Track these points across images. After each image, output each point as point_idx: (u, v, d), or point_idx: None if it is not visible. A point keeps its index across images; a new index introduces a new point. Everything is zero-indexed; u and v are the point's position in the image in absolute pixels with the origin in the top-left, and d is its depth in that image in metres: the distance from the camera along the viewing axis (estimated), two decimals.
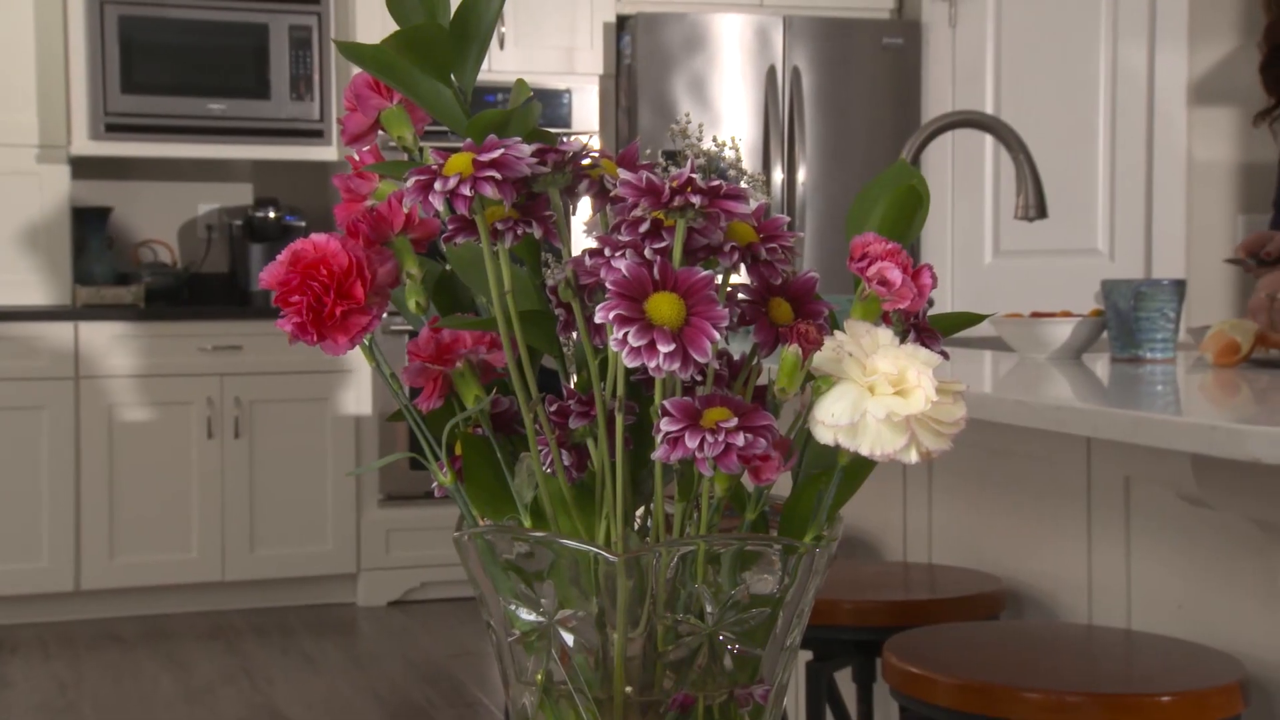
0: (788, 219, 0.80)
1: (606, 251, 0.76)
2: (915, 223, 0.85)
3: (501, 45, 5.02)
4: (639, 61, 4.94)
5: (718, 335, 0.73)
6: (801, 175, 5.00)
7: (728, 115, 5.00)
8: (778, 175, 4.99)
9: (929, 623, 1.88)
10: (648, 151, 1.98)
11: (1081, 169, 4.79)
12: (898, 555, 2.43)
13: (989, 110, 4.90)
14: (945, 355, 0.81)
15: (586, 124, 5.10)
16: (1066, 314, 2.22)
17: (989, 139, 4.44)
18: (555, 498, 0.79)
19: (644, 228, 0.75)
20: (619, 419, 0.77)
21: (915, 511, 2.39)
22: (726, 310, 0.74)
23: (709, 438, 0.74)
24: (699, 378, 0.79)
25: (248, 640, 4.53)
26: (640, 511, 0.83)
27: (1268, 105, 2.57)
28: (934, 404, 0.74)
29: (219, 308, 4.98)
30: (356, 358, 4.52)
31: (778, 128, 4.99)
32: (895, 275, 0.77)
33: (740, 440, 0.74)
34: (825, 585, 2.05)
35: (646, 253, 0.75)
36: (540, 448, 0.80)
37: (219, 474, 4.81)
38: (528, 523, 0.80)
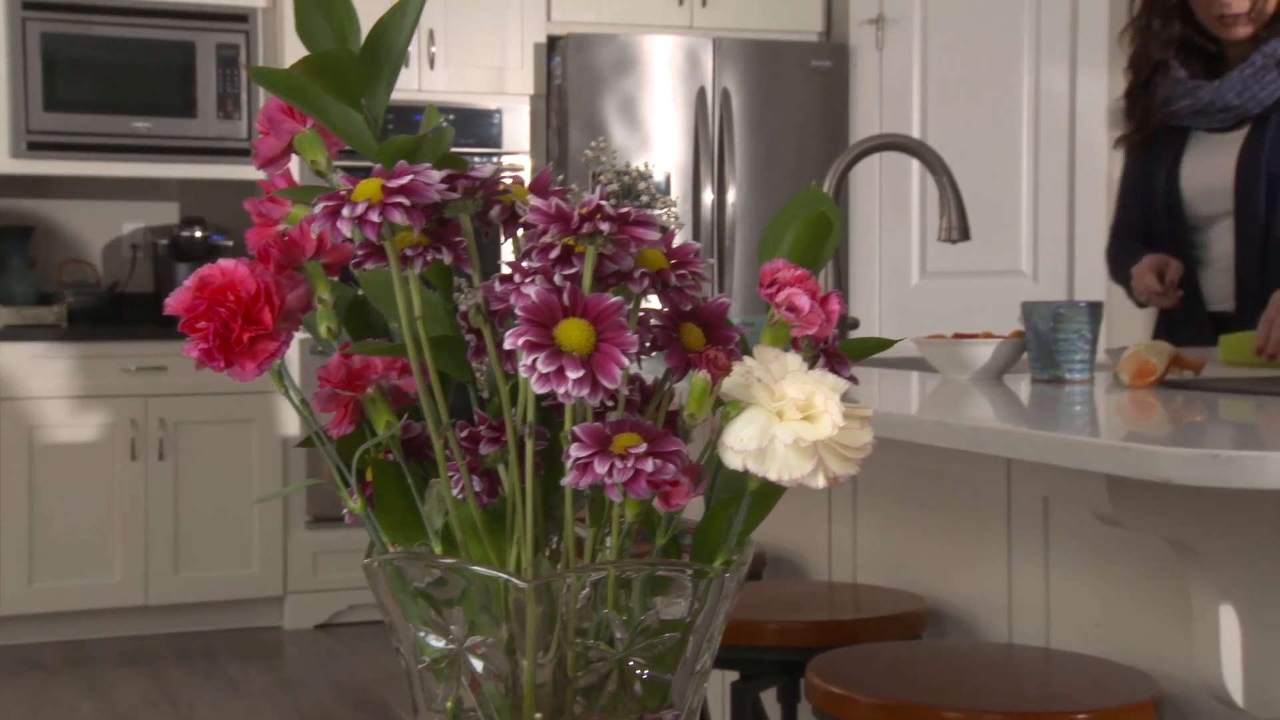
0: (698, 245, 0.80)
1: (516, 277, 0.76)
2: (826, 248, 0.86)
3: (432, 65, 5.01)
4: (569, 82, 4.96)
5: (627, 361, 0.74)
6: (731, 195, 5.03)
7: (658, 136, 5.02)
8: (708, 195, 5.02)
9: (852, 642, 1.89)
10: (598, 176, 1.98)
11: (1005, 191, 4.86)
12: (823, 575, 2.44)
13: (916, 132, 4.96)
14: (854, 380, 0.82)
15: (517, 144, 5.10)
16: (988, 335, 2.25)
17: (915, 162, 4.49)
18: (466, 523, 0.79)
19: (554, 254, 0.76)
20: (529, 445, 0.77)
21: (840, 531, 2.41)
22: (636, 336, 0.74)
23: (618, 464, 0.74)
24: (610, 403, 0.80)
25: (170, 666, 4.46)
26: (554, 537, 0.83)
27: (1128, 130, 2.63)
28: (841, 429, 0.75)
29: (144, 328, 4.92)
30: None
31: (707, 148, 5.01)
32: (803, 301, 0.78)
33: (649, 466, 0.74)
34: (751, 606, 2.06)
35: (556, 279, 0.75)
36: (451, 473, 0.80)
37: (143, 496, 4.75)
38: (438, 549, 0.80)
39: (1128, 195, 2.69)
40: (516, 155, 5.10)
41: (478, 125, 5.06)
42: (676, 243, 0.82)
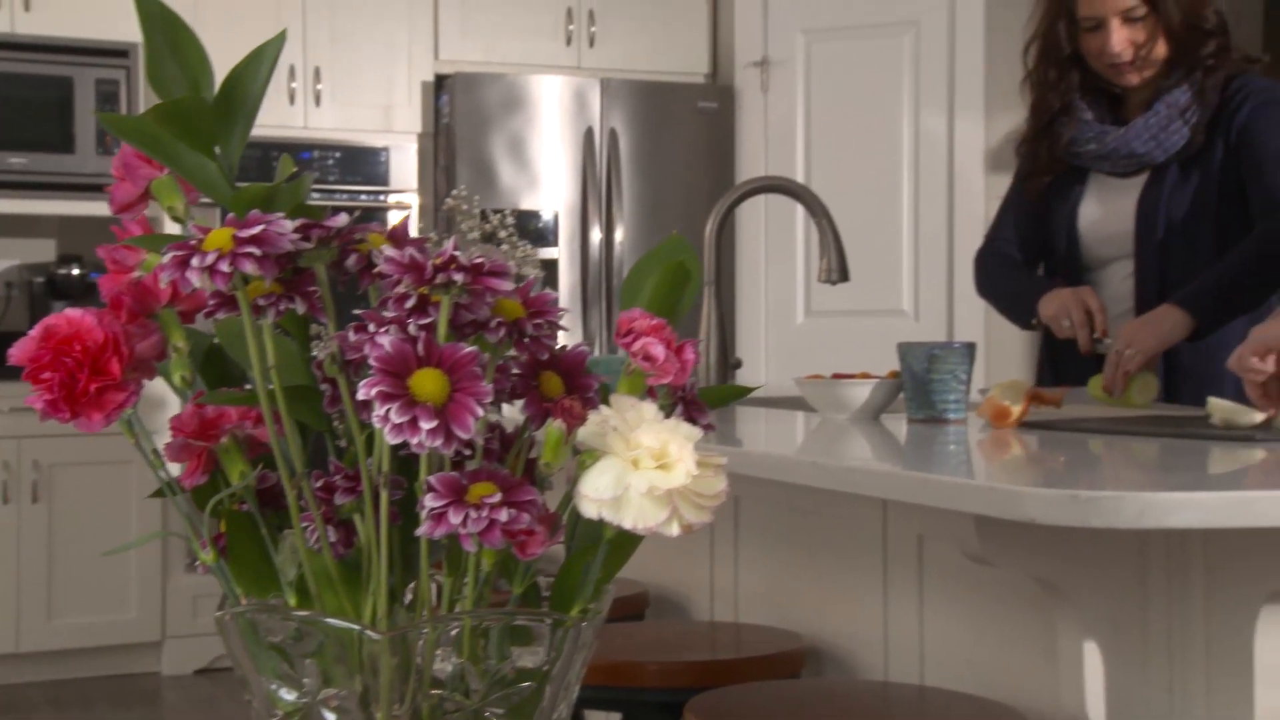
0: (555, 295, 0.81)
1: (371, 327, 0.76)
2: (685, 297, 0.87)
3: (318, 102, 4.97)
4: (457, 121, 4.95)
5: (481, 411, 0.74)
6: (619, 234, 5.05)
7: (546, 175, 5.03)
8: (596, 234, 5.04)
9: (732, 682, 1.90)
10: (460, 225, 1.98)
11: (887, 232, 4.94)
12: (706, 614, 2.45)
13: (800, 173, 5.03)
14: (710, 427, 0.83)
15: (404, 182, 5.08)
16: (865, 375, 2.28)
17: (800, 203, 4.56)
18: (320, 574, 0.78)
19: (410, 303, 0.76)
20: (384, 495, 0.77)
21: (722, 571, 2.42)
22: (491, 386, 0.75)
23: (473, 513, 0.74)
24: (467, 452, 0.80)
25: (44, 714, 4.34)
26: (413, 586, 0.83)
27: (1029, 171, 2.68)
28: (695, 477, 0.76)
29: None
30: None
31: (595, 188, 5.04)
32: (659, 351, 0.78)
33: (504, 516, 0.74)
34: (633, 647, 2.06)
35: (411, 329, 0.75)
36: (307, 524, 0.80)
37: (15, 541, 4.62)
38: (292, 601, 0.79)
39: (1010, 216, 2.72)
40: (404, 193, 5.07)
41: (365, 163, 5.03)
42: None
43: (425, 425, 0.72)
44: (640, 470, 0.76)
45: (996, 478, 1.54)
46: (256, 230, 0.74)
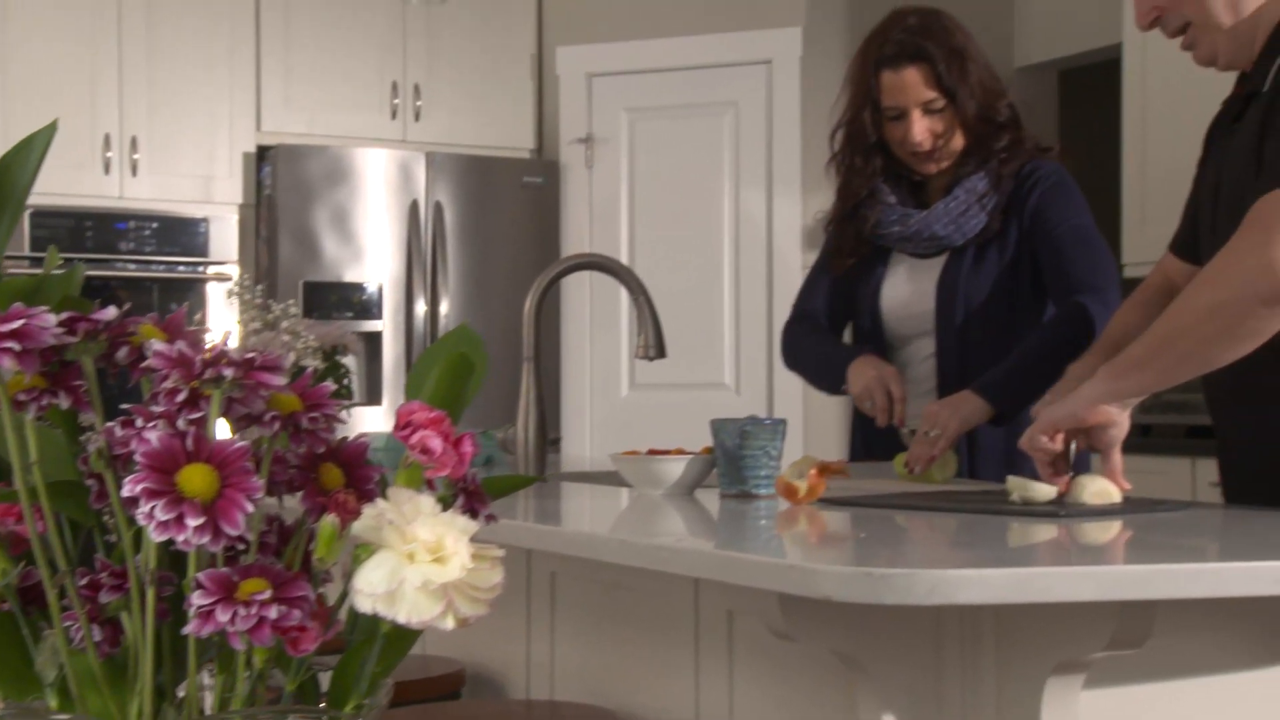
0: (333, 387, 0.81)
1: (139, 422, 0.75)
2: (469, 389, 0.88)
3: (134, 172, 4.88)
4: (279, 192, 4.90)
5: (250, 507, 0.73)
6: (444, 307, 5.04)
7: (371, 247, 5.00)
8: (420, 307, 5.02)
9: None
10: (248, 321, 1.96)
11: (709, 306, 5.02)
12: (522, 691, 2.44)
13: (624, 248, 5.10)
14: (492, 518, 0.83)
15: (224, 253, 5.00)
16: (680, 451, 2.31)
17: None
18: (84, 675, 0.76)
19: (182, 396, 0.75)
20: (150, 592, 0.76)
21: (538, 647, 2.41)
22: (261, 482, 0.74)
23: (242, 611, 0.73)
24: (241, 546, 0.79)
25: None
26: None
27: (838, 253, 2.76)
28: (471, 570, 0.76)
29: None
30: None
31: (420, 260, 5.03)
32: (436, 444, 0.79)
33: (274, 612, 0.73)
34: None
35: (181, 423, 0.74)
36: (73, 622, 0.78)
37: None
38: (54, 703, 0.77)
39: (814, 290, 2.79)
40: (224, 264, 4.99)
41: (183, 234, 4.94)
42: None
43: (192, 522, 0.71)
44: (416, 564, 0.76)
45: (797, 556, 1.57)
46: (17, 324, 0.72)
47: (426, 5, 3.41)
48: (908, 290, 2.65)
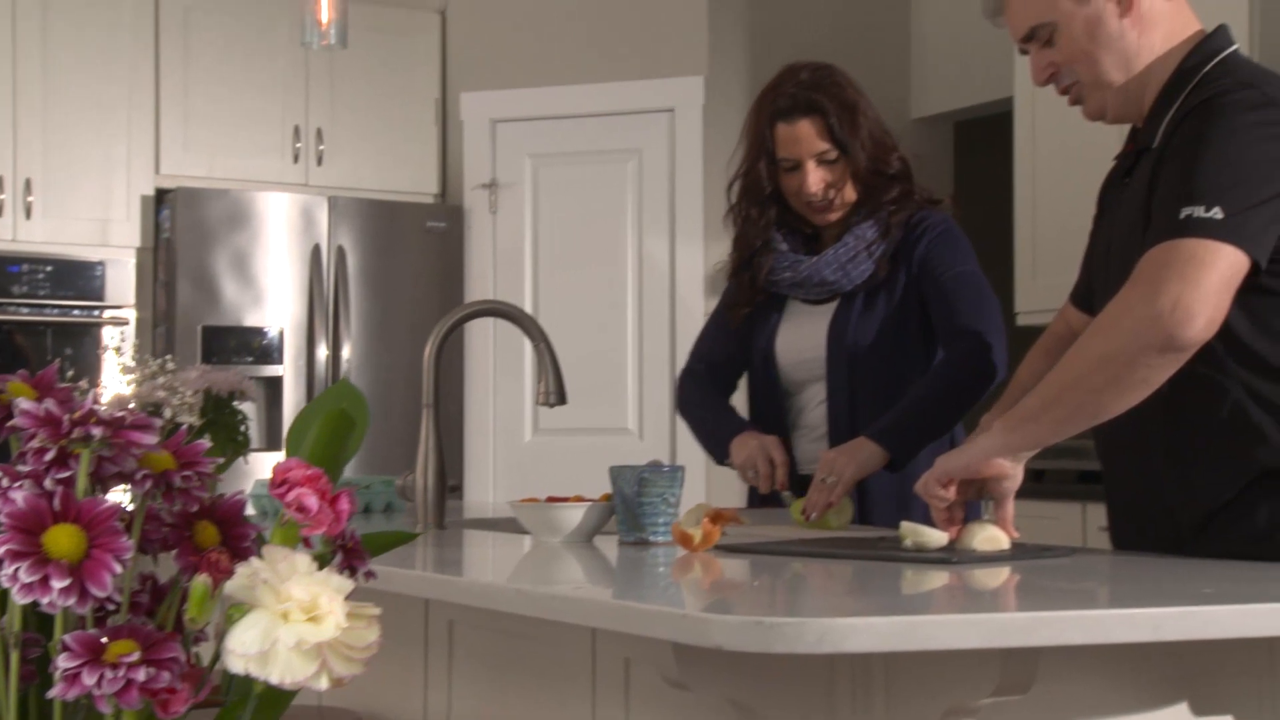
0: (207, 444, 0.80)
1: (5, 481, 0.74)
2: (349, 445, 0.88)
3: (29, 215, 4.79)
4: (178, 235, 4.84)
5: (119, 568, 0.72)
6: (346, 352, 5.00)
7: (272, 292, 4.96)
8: (322, 352, 4.98)
9: None
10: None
11: (613, 352, 5.03)
12: None
13: (528, 294, 5.10)
14: (371, 575, 0.83)
15: (122, 297, 4.93)
16: (579, 499, 2.31)
17: None
18: None
19: (50, 455, 0.74)
20: (14, 655, 0.74)
21: (436, 697, 2.39)
22: (132, 542, 0.73)
23: (109, 673, 0.72)
24: (112, 607, 0.78)
25: None
26: None
27: (735, 301, 2.80)
28: (346, 629, 0.76)
29: None
30: None
31: (322, 305, 4.99)
32: (312, 502, 0.78)
33: (142, 675, 0.72)
34: None
35: (48, 483, 0.73)
36: None
37: None
38: None
39: (712, 340, 2.84)
40: (121, 309, 4.91)
41: (79, 277, 4.86)
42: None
43: (57, 584, 0.70)
44: (290, 624, 0.75)
45: (690, 605, 1.58)
46: None
47: (329, 50, 3.40)
48: (800, 336, 2.70)
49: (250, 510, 2.66)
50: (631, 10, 5.09)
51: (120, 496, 0.78)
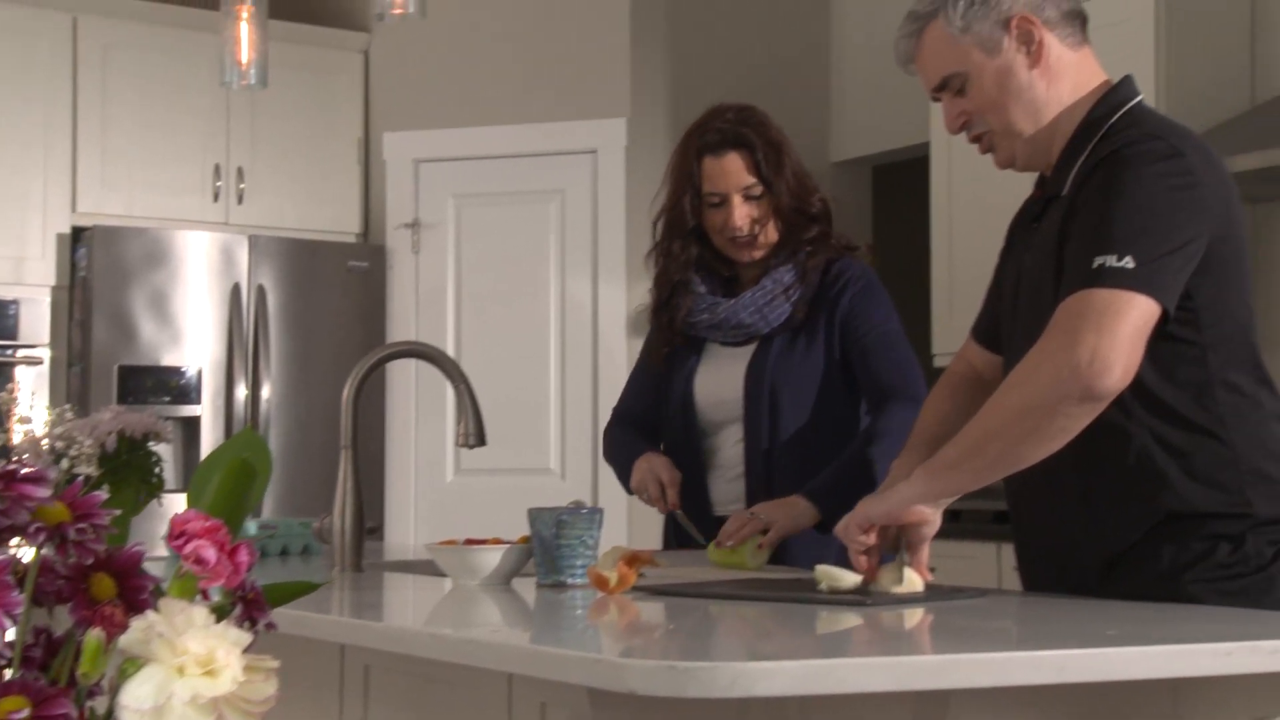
0: (104, 496, 0.79)
1: None
2: (251, 495, 0.87)
3: None
4: (95, 274, 4.78)
5: (8, 622, 0.71)
6: (266, 392, 4.96)
7: (190, 331, 4.90)
8: (241, 391, 4.93)
9: None
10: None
11: (535, 392, 5.03)
12: None
13: (450, 334, 5.08)
14: (272, 626, 0.82)
15: (36, 336, 4.85)
16: (497, 541, 2.30)
17: None
18: None
19: None
20: None
21: None
22: (22, 596, 0.72)
23: None
24: (3, 661, 0.76)
25: None
26: None
27: (655, 341, 2.83)
28: (243, 683, 0.75)
29: None
30: None
31: (242, 344, 4.94)
32: (210, 554, 0.78)
33: None
34: None
35: None
36: None
37: None
38: None
39: (636, 387, 2.86)
40: (35, 348, 4.84)
41: None
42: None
43: None
44: (185, 678, 0.75)
45: (604, 649, 1.58)
46: None
47: (249, 89, 3.38)
48: (718, 378, 2.72)
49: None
50: (555, 52, 5.12)
51: (17, 550, 0.77)
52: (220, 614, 0.80)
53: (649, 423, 2.83)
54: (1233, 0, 4.02)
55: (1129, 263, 1.79)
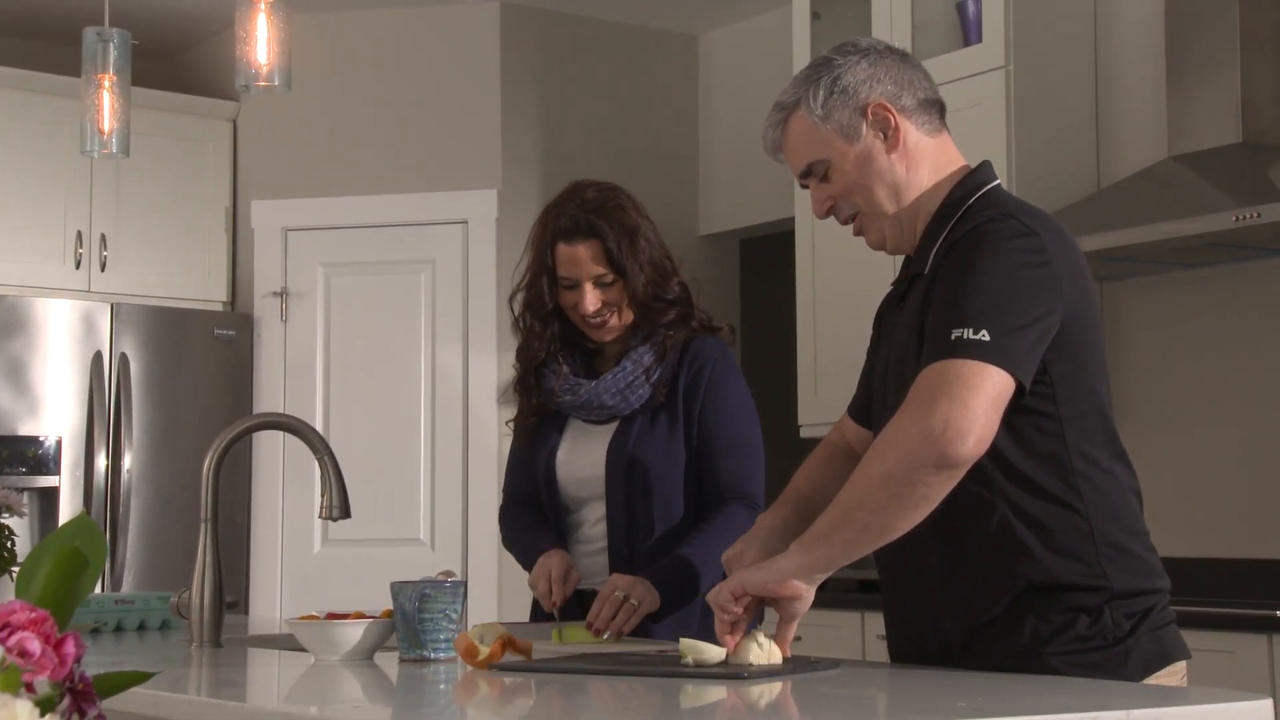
0: None
1: None
2: (83, 583, 0.84)
3: None
4: None
5: None
6: (127, 462, 4.84)
7: (50, 400, 4.77)
8: (101, 461, 4.80)
9: None
10: None
11: (405, 462, 4.98)
12: None
13: (319, 402, 5.02)
14: (101, 718, 0.80)
15: None
16: (359, 615, 2.26)
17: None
18: None
19: None
20: None
21: None
22: None
23: None
24: None
25: None
26: None
27: (519, 415, 2.83)
28: None
29: None
30: None
31: (103, 414, 4.82)
32: (35, 646, 0.75)
33: None
34: None
35: None
36: None
37: None
38: None
39: (520, 465, 2.85)
40: None
41: None
42: None
43: None
44: None
45: None
46: None
47: (112, 156, 3.33)
48: (580, 455, 2.72)
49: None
50: (426, 123, 5.13)
51: None
52: (46, 706, 0.77)
53: (536, 503, 2.81)
54: (1079, 88, 4.16)
55: (984, 336, 1.84)
